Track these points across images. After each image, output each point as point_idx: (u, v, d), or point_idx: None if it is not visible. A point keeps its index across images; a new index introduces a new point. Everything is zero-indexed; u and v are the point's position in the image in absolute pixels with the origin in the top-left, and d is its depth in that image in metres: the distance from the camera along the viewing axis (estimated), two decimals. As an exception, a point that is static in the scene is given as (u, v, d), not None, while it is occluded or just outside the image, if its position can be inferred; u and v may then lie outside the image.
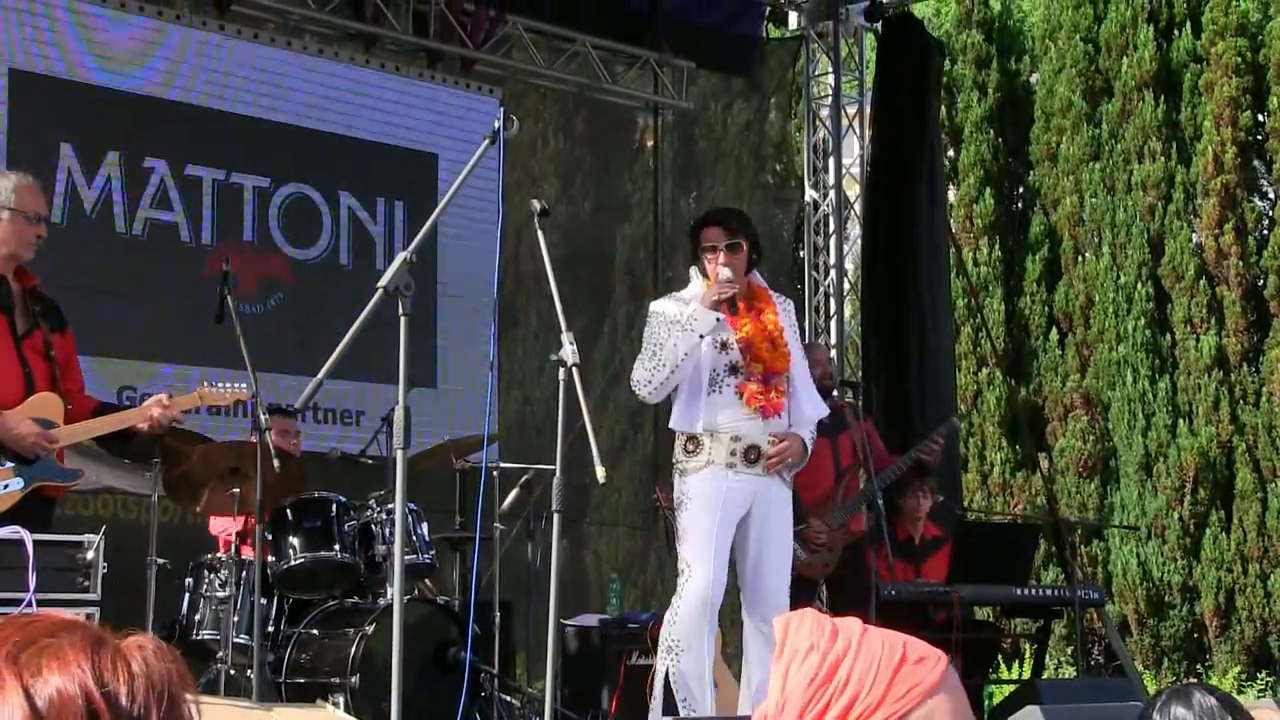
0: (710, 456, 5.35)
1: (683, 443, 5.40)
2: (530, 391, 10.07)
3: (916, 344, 9.77)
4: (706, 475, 5.34)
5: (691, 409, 5.39)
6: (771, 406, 5.42)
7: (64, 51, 8.12)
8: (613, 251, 10.49)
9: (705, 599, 5.27)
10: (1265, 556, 12.57)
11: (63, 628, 1.40)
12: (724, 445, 5.35)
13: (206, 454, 6.19)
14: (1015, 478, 13.82)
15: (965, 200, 14.52)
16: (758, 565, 5.46)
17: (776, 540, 5.48)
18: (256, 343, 6.16)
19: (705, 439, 5.35)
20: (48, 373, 5.26)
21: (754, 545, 5.43)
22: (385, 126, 9.24)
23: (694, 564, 5.27)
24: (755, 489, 5.39)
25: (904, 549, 8.03)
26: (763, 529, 5.44)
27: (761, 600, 5.44)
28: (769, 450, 5.39)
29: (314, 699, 5.97)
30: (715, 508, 5.32)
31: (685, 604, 5.25)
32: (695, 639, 5.25)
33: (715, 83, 11.50)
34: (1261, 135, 13.53)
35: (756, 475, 5.38)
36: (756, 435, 5.39)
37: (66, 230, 7.81)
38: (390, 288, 4.33)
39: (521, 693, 7.30)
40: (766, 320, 5.50)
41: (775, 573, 5.48)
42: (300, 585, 6.53)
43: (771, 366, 5.44)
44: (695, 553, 5.28)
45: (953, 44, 14.62)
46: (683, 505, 5.36)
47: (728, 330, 5.41)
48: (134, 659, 1.39)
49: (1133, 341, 13.25)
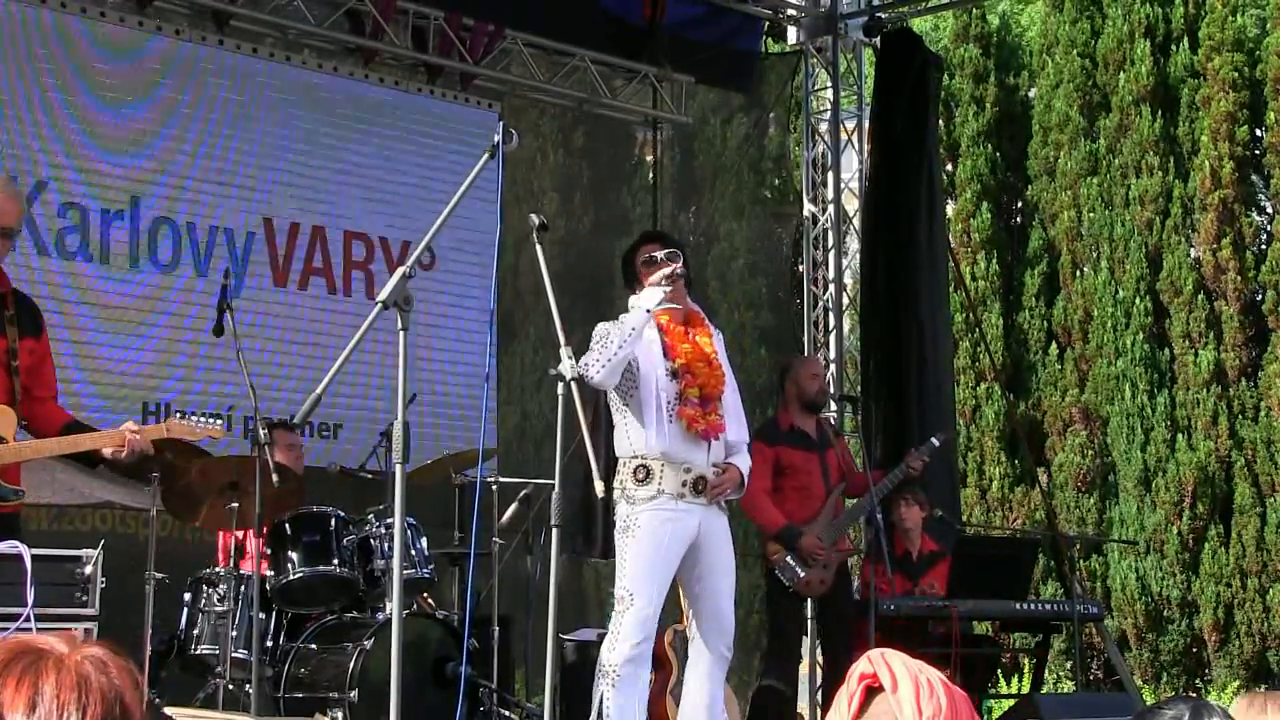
0: (661, 486, 5.36)
1: (631, 470, 5.39)
2: (529, 406, 10.07)
3: (915, 358, 9.77)
4: (656, 506, 5.34)
5: (642, 435, 5.39)
6: (712, 428, 5.44)
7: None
8: (612, 266, 10.44)
9: (648, 631, 5.31)
10: (1264, 571, 12.56)
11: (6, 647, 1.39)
12: (676, 475, 5.36)
13: (206, 469, 6.19)
14: (1014, 492, 13.82)
15: (963, 215, 14.53)
16: (709, 592, 5.50)
17: (723, 566, 5.55)
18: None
19: (656, 467, 5.36)
20: (5, 385, 5.05)
21: (704, 572, 5.48)
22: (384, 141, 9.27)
23: (637, 594, 5.29)
24: (701, 518, 5.44)
25: (902, 564, 8.03)
26: (711, 557, 5.49)
27: (715, 624, 5.48)
28: (712, 480, 5.42)
29: (312, 713, 5.97)
30: (664, 541, 5.35)
31: (624, 632, 5.27)
32: (633, 669, 5.28)
33: (714, 97, 11.51)
34: (1259, 150, 13.55)
35: (702, 505, 5.41)
36: (704, 466, 5.42)
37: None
38: (389, 302, 4.34)
39: (520, 707, 7.29)
40: (701, 343, 5.53)
41: (726, 596, 5.55)
42: (299, 600, 6.53)
43: (708, 389, 5.46)
44: (639, 584, 5.30)
45: (951, 58, 14.65)
46: (630, 532, 5.36)
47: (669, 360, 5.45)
48: (46, 679, 1.38)
49: (1131, 356, 13.25)
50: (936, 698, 1.96)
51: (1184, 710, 2.21)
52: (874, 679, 2.00)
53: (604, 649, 5.34)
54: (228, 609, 6.24)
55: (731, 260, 11.90)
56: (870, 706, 2.00)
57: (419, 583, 6.79)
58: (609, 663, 5.26)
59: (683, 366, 5.43)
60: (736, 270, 11.86)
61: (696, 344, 5.52)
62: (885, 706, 1.98)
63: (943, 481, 9.41)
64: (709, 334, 5.64)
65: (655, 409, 5.37)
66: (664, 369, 5.41)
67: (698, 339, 5.55)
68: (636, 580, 5.31)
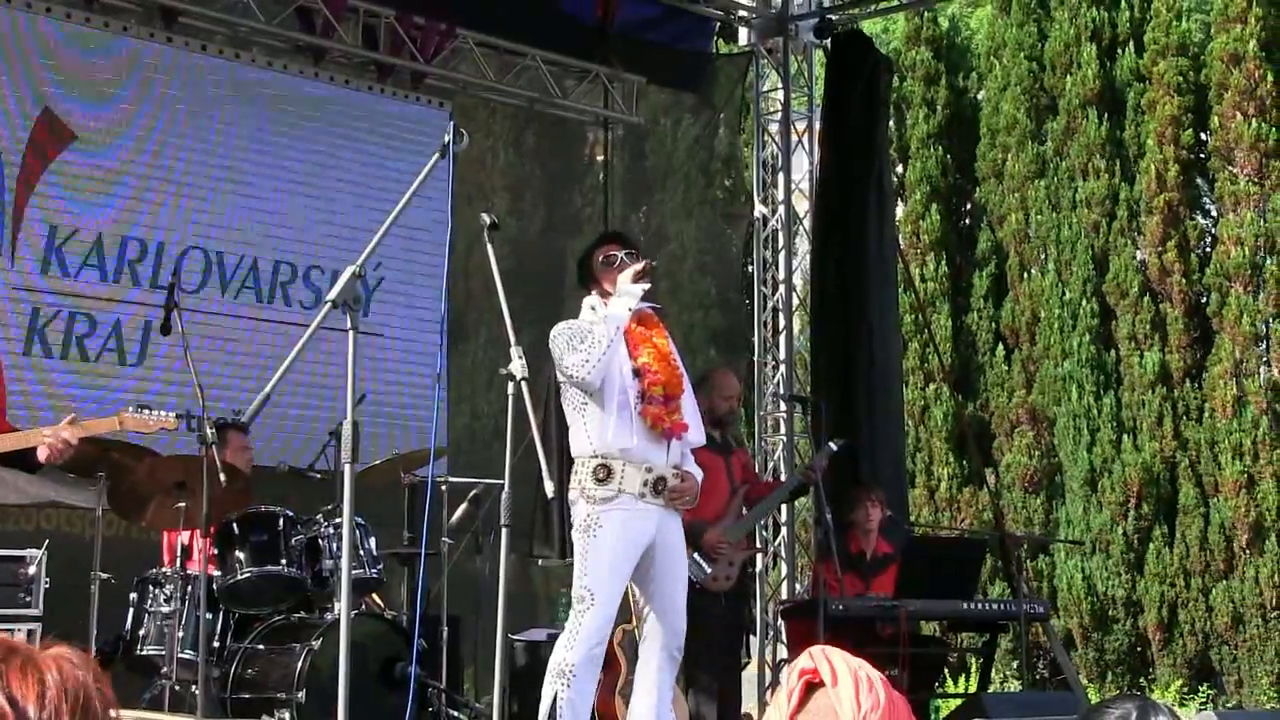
0: (622, 486, 5.34)
1: (591, 469, 5.37)
2: (479, 405, 10.05)
3: (865, 359, 9.81)
4: (617, 506, 5.34)
5: (603, 433, 5.38)
6: (676, 427, 5.45)
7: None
8: (563, 266, 10.48)
9: (605, 632, 5.31)
10: (1207, 571, 12.69)
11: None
12: (637, 474, 5.36)
13: (153, 468, 6.14)
14: (962, 493, 13.91)
15: (913, 216, 14.62)
16: (662, 593, 5.51)
17: (676, 568, 5.56)
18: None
19: (617, 466, 5.35)
20: None
21: (658, 574, 5.49)
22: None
23: (597, 594, 5.28)
24: (658, 520, 5.44)
25: (855, 563, 8.06)
26: (665, 558, 5.50)
27: (667, 625, 5.50)
28: (672, 484, 5.43)
29: (259, 715, 5.94)
30: (625, 542, 5.35)
31: (585, 632, 5.26)
32: (589, 669, 5.29)
33: (665, 98, 11.52)
34: (1204, 154, 13.70)
35: (660, 507, 5.42)
36: (664, 467, 5.43)
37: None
38: (338, 301, 4.32)
39: (469, 707, 7.28)
40: (660, 343, 5.54)
41: (678, 598, 5.56)
42: (246, 600, 6.49)
43: (671, 388, 5.47)
44: (601, 584, 5.30)
45: (901, 61, 14.73)
46: (591, 531, 5.34)
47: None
48: (47, 670, 1.38)
49: (1078, 357, 13.37)
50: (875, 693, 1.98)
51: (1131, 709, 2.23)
52: (814, 674, 2.01)
53: (560, 648, 5.32)
54: (174, 609, 6.20)
55: (682, 260, 11.91)
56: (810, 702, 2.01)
57: (368, 583, 6.77)
58: (566, 662, 5.25)
59: (645, 365, 5.43)
60: (687, 270, 11.88)
61: (656, 344, 5.53)
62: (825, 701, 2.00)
63: (891, 482, 9.46)
64: (665, 334, 5.65)
65: (619, 406, 5.37)
66: (628, 367, 5.40)
67: (656, 339, 5.55)
68: (598, 580, 5.30)
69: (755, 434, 10.59)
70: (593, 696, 5.41)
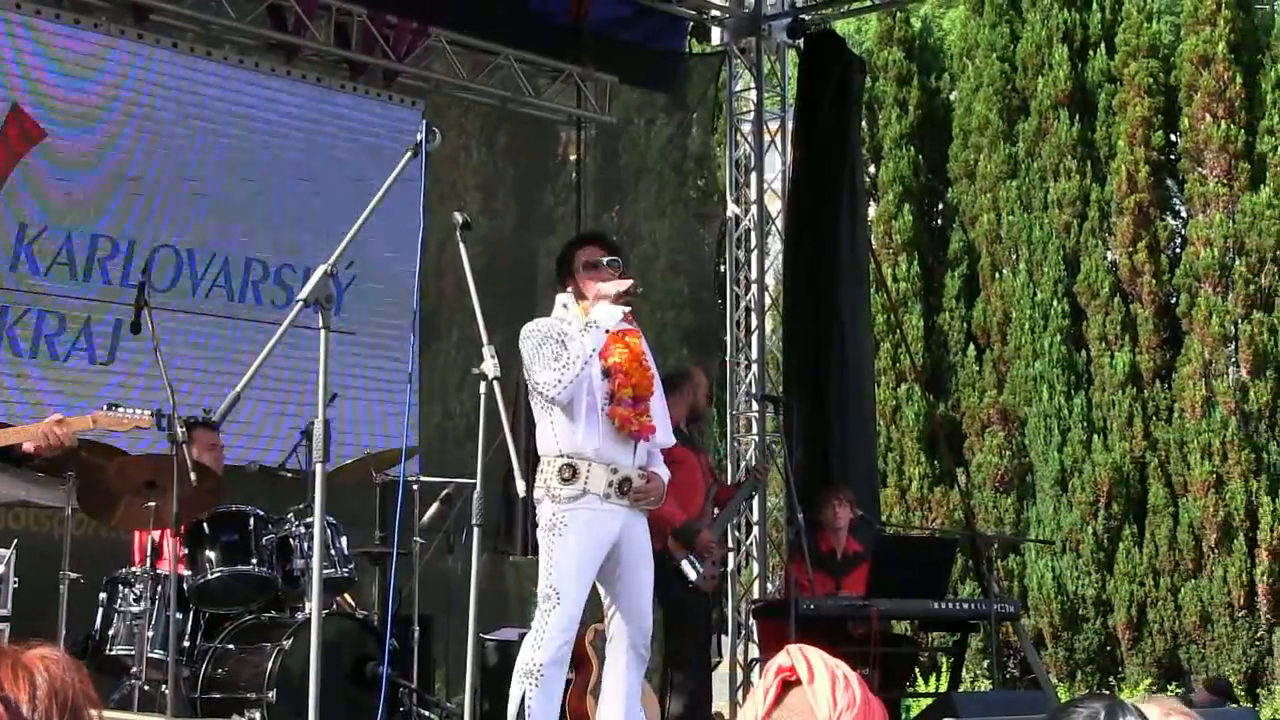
0: (587, 486, 5.35)
1: (557, 469, 5.37)
2: (451, 405, 10.04)
3: (837, 359, 9.83)
4: (582, 505, 5.34)
5: (570, 433, 5.38)
6: (644, 429, 5.45)
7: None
8: (535, 265, 10.47)
9: (572, 631, 5.31)
10: (1176, 570, 12.76)
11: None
12: (603, 475, 5.36)
13: (123, 467, 6.11)
14: (933, 492, 13.95)
15: (885, 216, 14.66)
16: (628, 591, 5.51)
17: (643, 566, 5.56)
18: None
19: (583, 466, 5.35)
20: None
21: (624, 573, 5.49)
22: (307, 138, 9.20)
23: (564, 592, 5.28)
24: (624, 520, 5.44)
25: (826, 562, 8.07)
26: (631, 557, 5.50)
27: (635, 624, 5.50)
28: (638, 485, 5.44)
29: (230, 714, 5.92)
30: (591, 541, 5.35)
31: (551, 631, 5.26)
32: (557, 668, 5.29)
33: (638, 97, 11.52)
34: (1174, 155, 13.77)
35: (625, 507, 5.43)
36: (630, 468, 5.43)
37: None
38: (310, 299, 4.31)
39: (440, 707, 7.27)
40: (633, 344, 5.53)
41: (645, 596, 5.57)
42: (217, 599, 6.47)
43: (640, 390, 5.47)
44: (566, 582, 5.29)
45: (874, 61, 14.77)
46: (556, 530, 5.34)
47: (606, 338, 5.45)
48: (36, 670, 1.39)
49: (1049, 358, 13.42)
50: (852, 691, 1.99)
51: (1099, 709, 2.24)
52: (790, 672, 2.02)
53: (527, 647, 5.32)
54: (144, 609, 6.17)
55: (654, 260, 11.92)
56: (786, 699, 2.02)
57: (339, 582, 6.75)
58: (534, 661, 5.24)
59: (615, 366, 5.42)
60: (659, 270, 11.88)
61: (628, 344, 5.52)
62: (801, 699, 2.01)
63: (863, 482, 9.48)
64: (638, 335, 5.64)
65: (587, 407, 5.36)
66: (598, 367, 5.40)
67: (628, 339, 5.54)
68: (564, 579, 5.30)
69: (727, 434, 10.60)
70: (561, 696, 5.41)
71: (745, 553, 10.37)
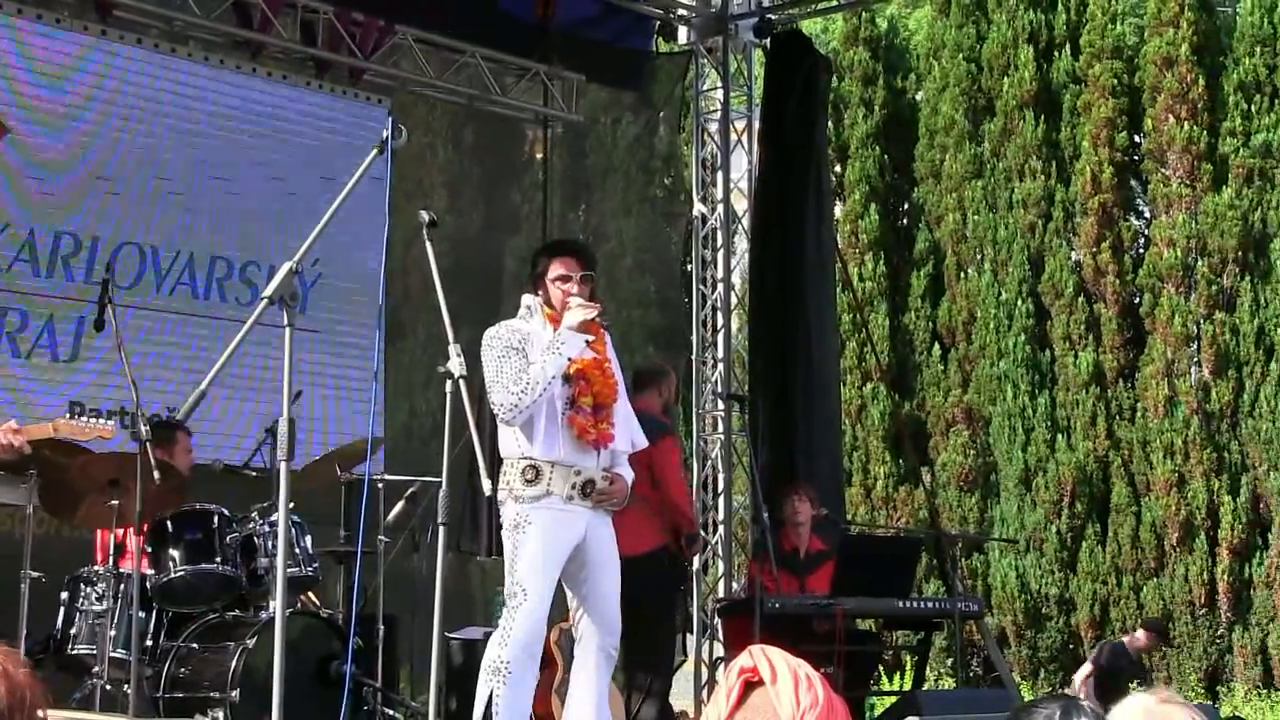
0: (549, 487, 5.36)
1: (520, 470, 5.38)
2: (417, 403, 10.01)
3: (802, 358, 9.85)
4: (545, 505, 5.35)
5: (532, 438, 5.39)
6: (603, 438, 5.46)
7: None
8: (501, 264, 10.46)
9: (540, 628, 5.32)
10: (1139, 569, 12.84)
11: None
12: (565, 478, 5.37)
13: (86, 465, 6.07)
14: (898, 491, 14.00)
15: (851, 216, 14.70)
16: (595, 591, 5.52)
17: (609, 566, 5.57)
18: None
19: (546, 469, 5.35)
20: None
21: (590, 573, 5.50)
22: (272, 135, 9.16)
23: (530, 590, 5.29)
24: (588, 520, 5.45)
25: (789, 561, 8.08)
26: (597, 557, 5.51)
27: (601, 624, 5.51)
28: (601, 486, 5.44)
29: (193, 714, 5.89)
30: (555, 540, 5.36)
31: (519, 629, 5.26)
32: (525, 666, 5.29)
33: (605, 96, 11.52)
34: (1137, 156, 13.86)
35: (588, 508, 5.43)
36: (594, 470, 5.44)
37: None
38: (275, 297, 4.30)
39: (405, 706, 7.25)
40: (597, 349, 5.53)
41: (612, 596, 5.57)
42: (180, 598, 6.43)
43: (601, 398, 5.47)
44: (532, 579, 5.30)
45: (840, 61, 14.80)
46: (520, 529, 5.35)
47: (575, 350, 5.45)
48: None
49: (1013, 357, 13.49)
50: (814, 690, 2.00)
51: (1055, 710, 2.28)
52: (753, 673, 2.04)
53: (493, 645, 5.32)
54: (106, 608, 6.13)
55: (620, 259, 11.92)
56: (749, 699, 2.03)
57: (303, 581, 6.73)
58: (501, 658, 5.24)
59: (577, 373, 5.42)
60: (625, 269, 11.89)
61: (594, 348, 5.51)
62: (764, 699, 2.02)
63: (828, 481, 9.50)
64: (605, 340, 5.64)
65: (547, 415, 5.36)
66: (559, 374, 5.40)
67: (594, 344, 5.54)
68: (529, 576, 5.30)
69: (694, 432, 10.62)
70: (531, 695, 5.41)
71: (711, 551, 10.39)
